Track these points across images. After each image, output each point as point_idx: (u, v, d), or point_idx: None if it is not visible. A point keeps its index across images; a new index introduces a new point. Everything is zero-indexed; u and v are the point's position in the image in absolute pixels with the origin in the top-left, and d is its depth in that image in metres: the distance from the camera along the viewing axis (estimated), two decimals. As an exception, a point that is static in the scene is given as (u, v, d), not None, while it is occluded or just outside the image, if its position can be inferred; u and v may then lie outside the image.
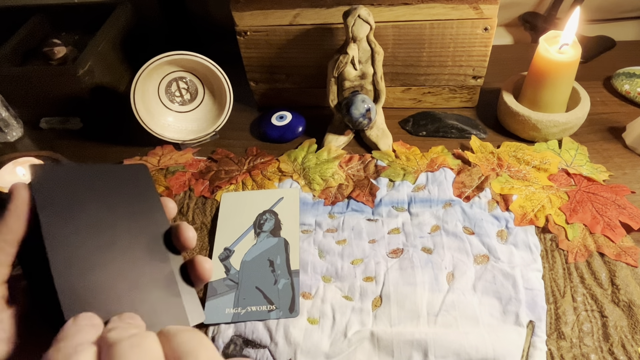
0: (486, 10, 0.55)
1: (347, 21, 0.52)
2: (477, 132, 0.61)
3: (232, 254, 0.49)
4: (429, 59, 0.61)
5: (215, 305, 0.45)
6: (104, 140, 0.67)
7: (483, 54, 0.59)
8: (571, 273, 0.45)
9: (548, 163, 0.55)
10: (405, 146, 0.60)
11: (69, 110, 0.69)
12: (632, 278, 0.44)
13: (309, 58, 0.62)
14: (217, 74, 0.60)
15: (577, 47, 0.54)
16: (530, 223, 0.49)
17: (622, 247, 0.46)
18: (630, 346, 0.39)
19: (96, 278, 0.27)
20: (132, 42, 0.77)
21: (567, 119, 0.56)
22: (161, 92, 0.62)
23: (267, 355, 0.41)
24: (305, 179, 0.57)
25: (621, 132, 0.59)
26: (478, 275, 0.45)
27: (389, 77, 0.63)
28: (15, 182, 0.26)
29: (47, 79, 0.65)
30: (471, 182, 0.54)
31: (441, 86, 0.64)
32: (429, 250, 0.48)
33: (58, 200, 0.27)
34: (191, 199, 0.56)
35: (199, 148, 0.64)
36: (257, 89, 0.68)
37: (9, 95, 0.67)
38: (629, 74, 0.65)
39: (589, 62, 0.72)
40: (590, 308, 0.42)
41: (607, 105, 0.64)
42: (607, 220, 0.48)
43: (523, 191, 0.52)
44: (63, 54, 0.71)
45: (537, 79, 0.56)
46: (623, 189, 0.51)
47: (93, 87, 0.66)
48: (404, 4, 0.56)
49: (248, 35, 0.61)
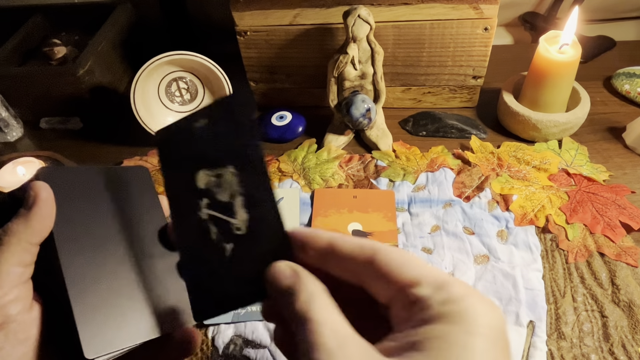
0: (486, 10, 0.55)
1: (347, 21, 0.52)
2: (477, 132, 0.61)
3: (232, 254, 0.49)
4: (429, 59, 0.61)
5: (215, 305, 0.45)
6: (104, 140, 0.67)
7: (483, 54, 0.59)
8: (571, 273, 0.45)
9: (548, 163, 0.55)
10: (405, 146, 0.60)
11: (69, 110, 0.69)
12: (632, 278, 0.44)
13: (309, 58, 0.62)
14: (217, 74, 0.60)
15: (577, 47, 0.54)
16: (530, 223, 0.49)
17: (622, 247, 0.46)
18: (631, 346, 0.39)
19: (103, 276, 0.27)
20: (132, 42, 0.77)
21: (567, 119, 0.56)
22: (161, 92, 0.62)
23: (267, 355, 0.41)
24: (305, 179, 0.57)
25: (621, 132, 0.59)
26: (478, 276, 0.45)
27: (389, 77, 0.63)
28: (35, 182, 0.26)
29: (47, 79, 0.65)
30: (471, 182, 0.54)
31: (441, 86, 0.64)
32: (429, 251, 0.48)
33: (63, 202, 0.27)
34: (191, 199, 0.56)
35: (199, 148, 0.64)
36: (257, 89, 0.68)
37: (9, 95, 0.67)
38: (629, 74, 0.65)
39: (589, 62, 0.72)
40: (590, 308, 0.42)
41: (607, 105, 0.64)
42: (607, 220, 0.48)
43: (523, 191, 0.52)
44: (63, 54, 0.71)
45: (537, 79, 0.56)
46: (623, 189, 0.51)
47: (93, 87, 0.66)
48: (404, 4, 0.56)
49: (248, 35, 0.61)
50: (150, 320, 0.28)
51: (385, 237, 0.49)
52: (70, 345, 0.25)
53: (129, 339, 0.27)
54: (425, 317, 0.19)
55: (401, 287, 0.21)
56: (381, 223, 0.50)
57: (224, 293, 0.25)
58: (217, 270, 0.25)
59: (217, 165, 0.26)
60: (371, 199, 0.53)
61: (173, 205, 0.27)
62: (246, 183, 0.26)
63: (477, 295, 0.20)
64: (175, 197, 0.27)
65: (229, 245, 0.25)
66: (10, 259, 0.24)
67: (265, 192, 0.25)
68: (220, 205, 0.26)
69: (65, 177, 0.28)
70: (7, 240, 0.25)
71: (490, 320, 0.19)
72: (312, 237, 0.24)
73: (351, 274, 0.24)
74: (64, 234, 0.26)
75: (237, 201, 0.26)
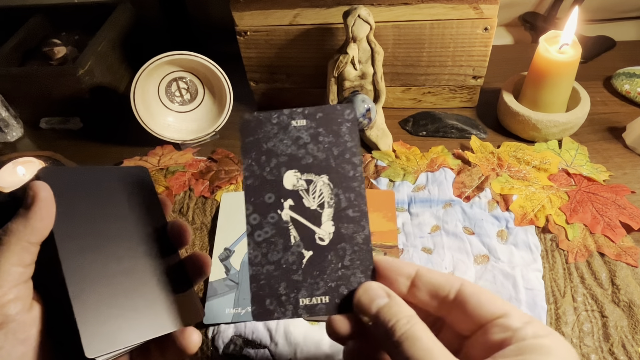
0: (486, 10, 0.55)
1: (347, 21, 0.52)
2: (477, 132, 0.61)
3: (232, 254, 0.49)
4: (429, 59, 0.61)
5: (215, 305, 0.45)
6: (104, 140, 0.67)
7: (483, 54, 0.59)
8: (571, 273, 0.45)
9: (548, 163, 0.55)
10: (405, 146, 0.60)
11: (69, 110, 0.69)
12: (632, 278, 0.44)
13: (309, 58, 0.62)
14: (217, 74, 0.60)
15: (577, 47, 0.54)
16: (530, 223, 0.49)
17: (622, 247, 0.46)
18: (631, 346, 0.39)
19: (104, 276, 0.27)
20: (132, 42, 0.77)
21: (567, 119, 0.56)
22: (161, 92, 0.62)
23: (267, 355, 0.41)
24: (305, 179, 0.57)
25: (621, 132, 0.59)
26: (478, 276, 0.45)
27: (389, 77, 0.63)
28: (35, 182, 0.26)
29: (47, 79, 0.65)
30: (471, 182, 0.54)
31: (441, 86, 0.64)
32: (429, 251, 0.48)
33: (63, 202, 0.27)
34: (191, 199, 0.56)
35: (199, 148, 0.64)
36: (257, 89, 0.68)
37: (9, 95, 0.67)
38: (629, 74, 0.65)
39: (589, 62, 0.72)
40: (590, 308, 0.42)
41: (607, 105, 0.64)
42: (607, 220, 0.48)
43: (523, 191, 0.52)
44: (63, 54, 0.71)
45: (537, 79, 0.56)
46: (623, 189, 0.51)
47: (93, 87, 0.66)
48: (404, 4, 0.56)
49: (248, 35, 0.61)
50: (150, 320, 0.28)
51: (385, 237, 0.49)
52: (70, 344, 0.25)
53: (129, 338, 0.27)
54: (521, 346, 0.23)
55: (490, 317, 0.24)
56: (381, 223, 0.50)
57: (294, 298, 0.25)
58: (290, 275, 0.25)
59: (309, 171, 0.26)
60: (371, 199, 0.53)
61: (251, 197, 0.26)
62: (339, 198, 0.26)
63: (557, 334, 0.24)
64: (254, 188, 0.26)
65: (308, 253, 0.26)
66: (10, 259, 0.24)
67: (358, 212, 0.26)
68: (306, 211, 0.26)
69: (65, 177, 0.28)
70: (7, 240, 0.25)
71: (569, 355, 0.23)
72: (397, 265, 0.26)
73: (434, 303, 0.26)
74: (64, 234, 0.26)
75: (325, 212, 0.26)
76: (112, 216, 0.29)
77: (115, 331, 0.26)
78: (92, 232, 0.28)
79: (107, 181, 0.30)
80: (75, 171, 0.30)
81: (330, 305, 0.25)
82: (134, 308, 0.28)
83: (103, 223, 0.29)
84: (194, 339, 0.30)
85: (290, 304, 0.25)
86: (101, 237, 0.28)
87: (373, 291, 0.25)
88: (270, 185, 0.26)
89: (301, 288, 0.25)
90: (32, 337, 0.25)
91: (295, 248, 0.26)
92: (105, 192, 0.30)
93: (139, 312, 0.28)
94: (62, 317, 0.26)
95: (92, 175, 0.30)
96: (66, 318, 0.25)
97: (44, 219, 0.26)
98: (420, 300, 0.26)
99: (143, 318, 0.28)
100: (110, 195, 0.30)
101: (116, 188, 0.30)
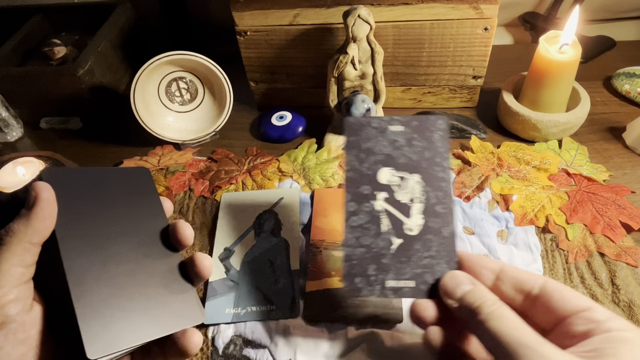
0: (486, 10, 0.55)
1: (347, 21, 0.52)
2: (477, 132, 0.61)
3: (232, 254, 0.49)
4: (429, 59, 0.61)
5: (215, 305, 0.45)
6: (104, 140, 0.67)
7: (483, 54, 0.59)
8: (571, 273, 0.45)
9: (548, 163, 0.55)
10: (405, 146, 0.60)
11: (69, 110, 0.69)
12: (633, 278, 0.44)
13: (309, 58, 0.62)
14: (217, 74, 0.60)
15: (577, 47, 0.54)
16: (530, 223, 0.49)
17: (622, 247, 0.46)
18: (631, 346, 0.39)
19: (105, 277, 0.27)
20: (132, 42, 0.77)
21: (567, 119, 0.56)
22: (161, 92, 0.62)
23: (267, 355, 0.41)
24: (305, 179, 0.57)
25: (621, 132, 0.59)
26: (478, 275, 0.45)
27: (389, 77, 0.63)
28: (37, 182, 0.26)
29: (47, 79, 0.65)
30: (471, 182, 0.54)
31: (441, 86, 0.64)
32: (429, 250, 0.48)
33: (65, 203, 0.27)
34: (191, 199, 0.56)
35: (199, 148, 0.64)
36: (257, 89, 0.68)
37: (9, 95, 0.67)
38: (629, 74, 0.65)
39: (589, 62, 0.72)
40: (590, 308, 0.42)
41: (607, 105, 0.64)
42: (607, 220, 0.48)
43: (523, 191, 0.52)
44: (63, 54, 0.71)
45: (537, 79, 0.56)
46: (623, 189, 0.51)
47: (93, 87, 0.66)
48: (404, 4, 0.56)
49: (248, 35, 0.61)
50: (152, 321, 0.28)
51: (386, 237, 0.49)
52: (71, 345, 0.25)
53: (131, 339, 0.27)
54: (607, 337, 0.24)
55: (574, 310, 0.26)
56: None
57: (381, 279, 0.28)
58: (379, 258, 0.29)
59: (403, 169, 0.30)
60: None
61: (350, 187, 0.31)
62: (429, 195, 0.30)
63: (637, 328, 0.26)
64: (353, 180, 0.31)
65: (398, 241, 0.29)
66: (11, 259, 0.24)
67: (446, 210, 0.30)
68: (398, 204, 0.30)
69: (67, 177, 0.29)
70: (8, 241, 0.25)
71: None
72: (482, 260, 0.29)
73: (518, 297, 0.28)
74: (66, 235, 0.26)
75: (415, 206, 0.30)
76: (113, 217, 0.29)
77: (116, 332, 0.26)
78: (93, 233, 0.28)
79: (108, 182, 0.30)
80: (77, 172, 0.30)
81: (415, 289, 0.28)
82: (136, 309, 0.28)
83: (105, 224, 0.29)
84: (195, 340, 0.30)
85: (378, 284, 0.29)
86: (103, 238, 0.28)
87: (459, 277, 0.28)
88: (367, 179, 0.30)
89: (389, 271, 0.29)
90: (32, 337, 0.25)
91: (386, 235, 0.29)
92: (107, 193, 0.30)
93: (141, 313, 0.28)
94: (63, 317, 0.26)
95: (93, 176, 0.30)
96: (67, 319, 0.25)
97: (46, 219, 0.26)
98: (504, 294, 0.28)
99: (144, 319, 0.28)
100: (111, 196, 0.30)
101: (118, 189, 0.31)
